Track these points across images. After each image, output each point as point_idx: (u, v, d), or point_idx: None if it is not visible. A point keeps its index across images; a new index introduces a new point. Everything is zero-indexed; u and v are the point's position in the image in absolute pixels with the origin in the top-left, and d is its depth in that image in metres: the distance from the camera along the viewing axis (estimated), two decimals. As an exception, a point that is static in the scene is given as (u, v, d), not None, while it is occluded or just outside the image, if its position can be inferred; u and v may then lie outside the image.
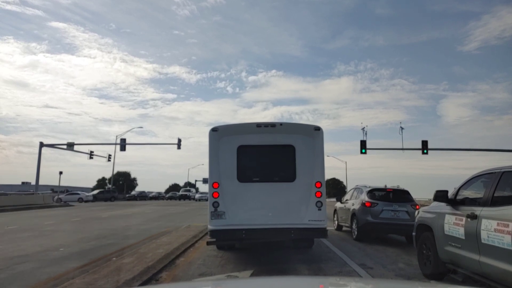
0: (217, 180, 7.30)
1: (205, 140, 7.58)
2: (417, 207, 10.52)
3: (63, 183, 46.73)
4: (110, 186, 57.24)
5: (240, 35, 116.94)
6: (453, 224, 5.25)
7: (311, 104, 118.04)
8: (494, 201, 4.58)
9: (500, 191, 4.61)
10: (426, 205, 7.76)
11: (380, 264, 7.42)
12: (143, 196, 58.72)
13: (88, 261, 7.51)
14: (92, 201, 44.60)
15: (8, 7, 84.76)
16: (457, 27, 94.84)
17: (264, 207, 7.41)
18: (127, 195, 55.88)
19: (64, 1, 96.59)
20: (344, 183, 64.80)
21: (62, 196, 41.20)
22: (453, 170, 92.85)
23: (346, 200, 13.01)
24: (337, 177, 73.90)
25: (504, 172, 4.64)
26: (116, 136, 43.89)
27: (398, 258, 8.08)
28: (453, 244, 5.22)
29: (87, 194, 47.69)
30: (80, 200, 43.15)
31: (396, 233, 10.95)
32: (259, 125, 7.48)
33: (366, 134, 35.47)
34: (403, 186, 12.20)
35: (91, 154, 43.08)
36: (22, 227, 14.27)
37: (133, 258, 7.35)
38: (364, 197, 11.06)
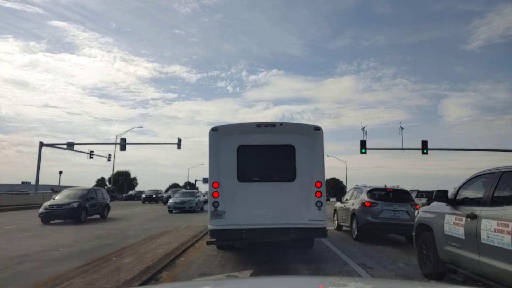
0: (217, 180, 7.30)
1: (205, 139, 7.59)
2: (417, 207, 10.54)
3: (63, 183, 46.82)
4: (109, 185, 57.16)
5: (240, 35, 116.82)
6: (453, 224, 5.25)
7: (312, 103, 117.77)
8: (494, 201, 4.58)
9: (500, 191, 4.61)
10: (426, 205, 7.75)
11: (380, 264, 7.42)
12: (140, 196, 58.36)
13: (88, 261, 7.51)
14: None
15: (8, 4, 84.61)
16: (459, 26, 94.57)
17: (264, 207, 7.41)
18: (124, 195, 55.34)
19: (64, 0, 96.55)
20: (344, 183, 64.82)
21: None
22: (454, 170, 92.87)
23: (346, 200, 13.02)
24: (337, 177, 73.90)
25: (504, 172, 4.64)
26: (116, 136, 43.83)
27: (398, 258, 8.08)
28: (453, 244, 5.22)
29: None
30: None
31: (396, 233, 10.96)
32: (259, 125, 7.48)
33: (366, 134, 35.43)
34: (403, 186, 12.23)
35: (91, 154, 43.06)
36: (21, 227, 14.27)
37: (133, 258, 7.35)
38: (364, 197, 11.06)
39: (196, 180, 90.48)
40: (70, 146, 40.05)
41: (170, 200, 25.48)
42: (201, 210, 26.02)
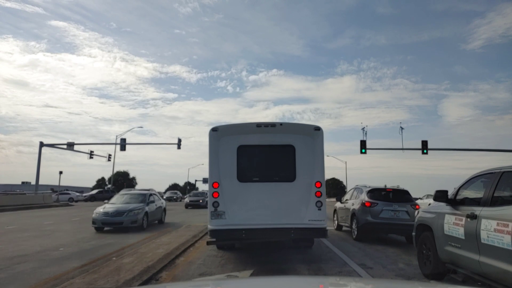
0: (217, 180, 7.31)
1: (206, 140, 7.59)
2: (417, 207, 10.54)
3: (63, 183, 46.81)
4: (109, 185, 57.09)
5: (240, 34, 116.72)
6: (453, 224, 5.25)
7: (312, 103, 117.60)
8: (494, 201, 4.58)
9: (500, 191, 4.61)
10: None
11: (380, 264, 7.42)
12: None
13: (88, 261, 7.51)
14: (83, 200, 44.43)
15: (8, 4, 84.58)
16: (460, 26, 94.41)
17: (264, 207, 7.41)
18: None
19: (64, 0, 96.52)
20: (344, 183, 64.84)
21: (53, 196, 40.86)
22: (454, 170, 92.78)
23: (346, 200, 13.02)
24: (337, 177, 73.82)
25: (504, 172, 4.65)
26: (116, 136, 43.83)
27: (398, 258, 8.08)
28: (453, 244, 5.22)
29: (77, 193, 47.58)
30: (71, 199, 43.04)
31: (396, 233, 10.96)
32: (259, 125, 7.49)
33: (366, 134, 35.38)
34: (403, 186, 12.24)
35: (91, 154, 43.05)
36: (21, 227, 14.27)
37: (133, 257, 7.35)
38: (364, 197, 11.06)
39: (196, 180, 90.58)
40: (70, 146, 40.05)
41: (99, 209, 14.21)
42: (159, 222, 16.16)
